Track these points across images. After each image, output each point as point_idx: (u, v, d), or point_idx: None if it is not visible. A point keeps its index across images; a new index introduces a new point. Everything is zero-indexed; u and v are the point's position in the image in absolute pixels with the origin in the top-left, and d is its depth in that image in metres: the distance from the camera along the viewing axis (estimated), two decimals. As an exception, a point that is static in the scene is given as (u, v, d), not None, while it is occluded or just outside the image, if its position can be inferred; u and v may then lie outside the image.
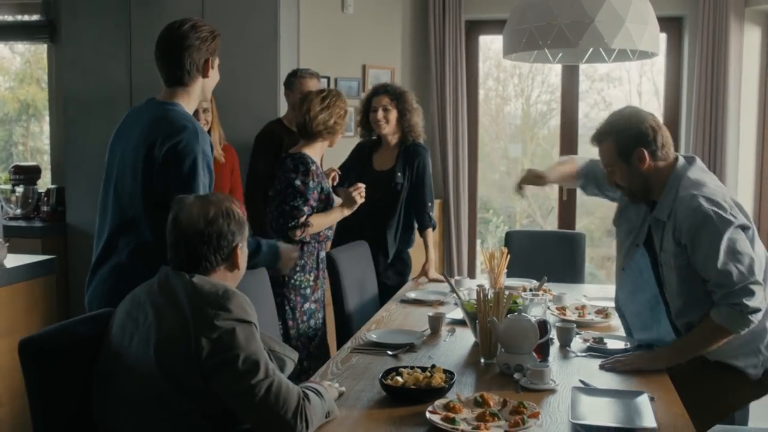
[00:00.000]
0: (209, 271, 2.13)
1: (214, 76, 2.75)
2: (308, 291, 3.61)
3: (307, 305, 3.61)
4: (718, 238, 2.55)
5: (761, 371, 2.71)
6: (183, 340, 1.96)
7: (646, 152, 2.71)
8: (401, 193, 4.20)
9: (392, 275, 4.26)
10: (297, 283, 3.57)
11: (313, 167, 3.56)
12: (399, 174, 4.20)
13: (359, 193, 3.68)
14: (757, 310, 2.53)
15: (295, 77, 4.48)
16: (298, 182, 3.51)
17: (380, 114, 4.20)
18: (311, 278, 3.62)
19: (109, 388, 2.11)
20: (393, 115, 4.20)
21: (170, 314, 2.02)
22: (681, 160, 2.77)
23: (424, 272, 4.26)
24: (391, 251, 4.19)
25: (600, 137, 2.81)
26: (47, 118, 6.87)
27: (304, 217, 3.49)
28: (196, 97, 2.74)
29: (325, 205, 3.62)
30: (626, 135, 2.73)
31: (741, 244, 2.57)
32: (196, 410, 2.00)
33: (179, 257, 2.13)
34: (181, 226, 2.12)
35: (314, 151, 3.65)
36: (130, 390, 2.05)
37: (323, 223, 3.58)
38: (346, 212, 3.67)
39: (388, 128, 4.22)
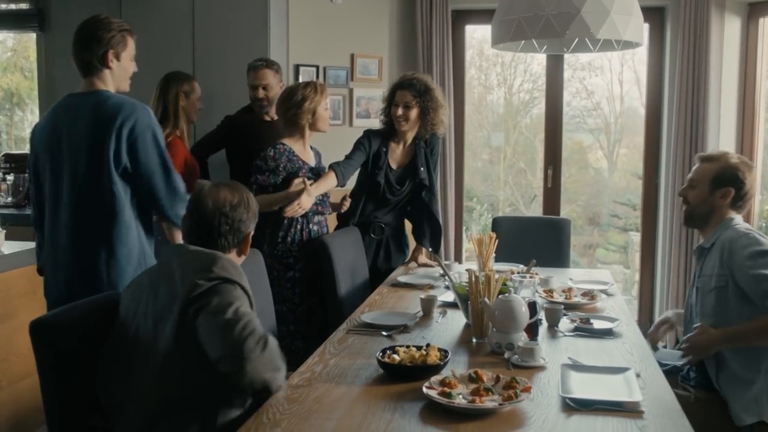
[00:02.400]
0: (225, 250, 2.28)
1: (119, 67, 2.95)
2: (291, 260, 3.82)
3: (290, 273, 3.81)
4: (761, 251, 2.72)
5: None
6: (177, 306, 2.09)
7: (732, 195, 2.95)
8: (427, 187, 4.25)
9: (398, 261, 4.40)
10: (279, 253, 3.79)
11: (271, 152, 3.79)
12: (422, 169, 4.21)
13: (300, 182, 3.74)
14: None
15: (247, 71, 4.51)
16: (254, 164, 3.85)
17: (400, 111, 4.10)
18: (294, 249, 3.83)
19: (112, 366, 2.22)
20: (414, 112, 4.09)
21: (163, 286, 2.16)
22: (739, 218, 3.01)
23: (414, 257, 4.35)
24: (439, 238, 4.35)
25: (709, 158, 3.05)
26: (31, 107, 6.88)
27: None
28: (111, 85, 2.95)
29: (283, 188, 3.78)
30: (730, 171, 2.96)
31: None
32: (190, 380, 2.10)
33: (199, 233, 2.26)
34: (207, 207, 2.25)
35: (290, 140, 3.89)
36: (131, 367, 2.16)
37: (265, 201, 3.67)
38: (293, 197, 3.71)
39: (408, 126, 4.13)
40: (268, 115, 4.53)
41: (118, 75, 2.96)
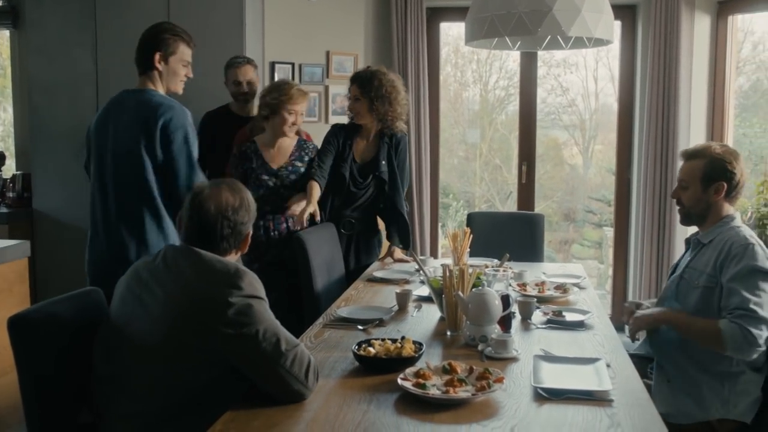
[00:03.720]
0: (226, 252, 2.29)
1: (166, 69, 3.22)
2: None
3: None
4: (755, 269, 2.68)
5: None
6: (199, 317, 2.09)
7: (725, 188, 2.87)
8: (387, 182, 4.28)
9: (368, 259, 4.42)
10: None
11: (236, 150, 4.04)
12: (383, 163, 4.25)
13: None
14: (758, 346, 2.61)
15: (227, 68, 4.59)
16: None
17: (350, 105, 4.22)
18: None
19: (107, 364, 2.21)
20: (363, 105, 4.14)
21: (180, 292, 2.14)
22: (738, 218, 2.93)
23: (389, 253, 4.38)
24: (408, 234, 4.37)
25: (693, 154, 2.95)
26: (3, 105, 6.83)
27: None
28: (161, 86, 3.24)
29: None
30: (719, 164, 2.87)
31: None
32: (198, 379, 2.13)
33: (201, 237, 2.26)
34: (210, 211, 2.25)
35: (262, 138, 4.06)
36: (129, 365, 2.16)
37: None
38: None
39: (363, 119, 4.19)
40: (246, 110, 4.57)
41: (167, 77, 3.22)
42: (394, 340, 2.52)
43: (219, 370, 2.15)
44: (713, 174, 2.87)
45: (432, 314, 3.16)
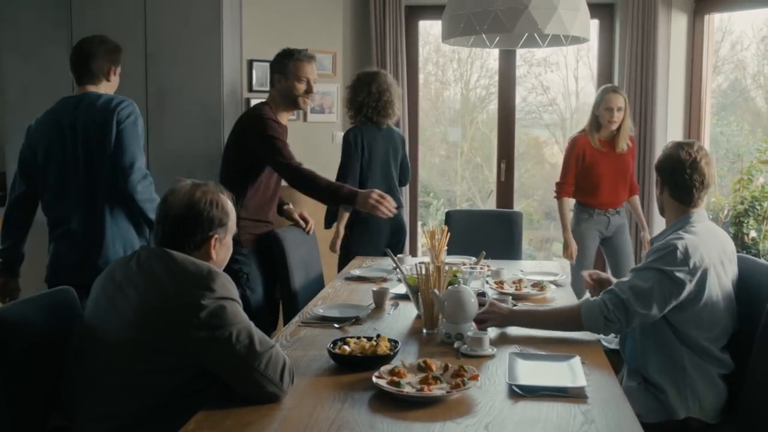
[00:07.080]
0: (199, 247, 2.24)
1: (115, 81, 3.55)
2: None
3: None
4: (658, 266, 2.64)
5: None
6: (171, 320, 2.06)
7: (661, 183, 2.85)
8: None
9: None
10: None
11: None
12: None
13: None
14: (612, 323, 2.64)
15: (290, 59, 3.87)
16: None
17: None
18: None
19: (79, 365, 2.18)
20: None
21: (153, 294, 2.10)
22: (702, 211, 2.82)
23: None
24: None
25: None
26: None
27: None
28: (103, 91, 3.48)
29: None
30: (662, 157, 2.86)
31: (664, 291, 2.63)
32: (170, 382, 2.11)
33: (172, 236, 2.22)
34: (181, 210, 2.21)
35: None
36: (101, 366, 2.13)
37: None
38: None
39: None
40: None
41: (113, 86, 3.55)
42: (369, 338, 2.52)
43: (191, 373, 2.13)
44: (658, 167, 2.87)
45: (409, 312, 3.15)
